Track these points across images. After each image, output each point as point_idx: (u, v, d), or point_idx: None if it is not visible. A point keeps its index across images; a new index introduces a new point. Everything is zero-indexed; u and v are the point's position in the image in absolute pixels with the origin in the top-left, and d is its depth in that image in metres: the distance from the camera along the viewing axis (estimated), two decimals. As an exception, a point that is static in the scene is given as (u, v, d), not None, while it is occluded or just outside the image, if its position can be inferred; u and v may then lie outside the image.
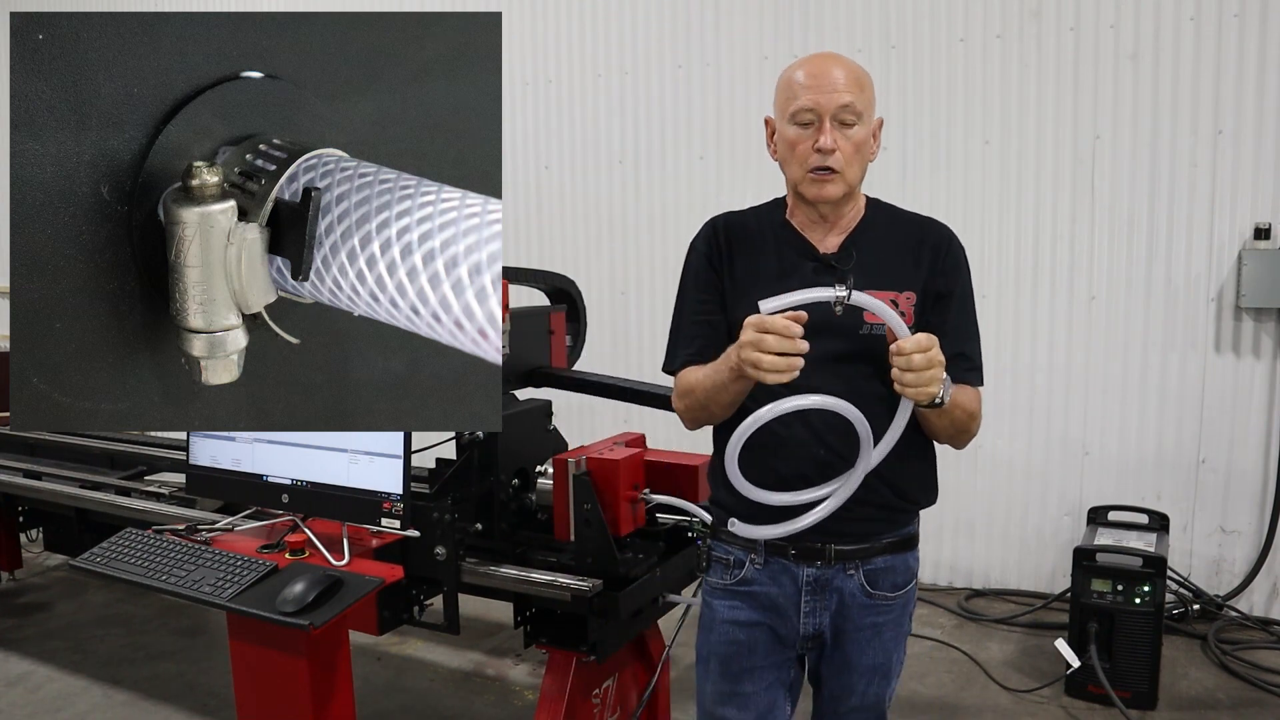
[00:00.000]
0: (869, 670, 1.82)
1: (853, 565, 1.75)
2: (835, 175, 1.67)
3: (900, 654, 1.87)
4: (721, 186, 4.68)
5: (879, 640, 1.81)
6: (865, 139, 1.69)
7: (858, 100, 1.66)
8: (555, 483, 2.31)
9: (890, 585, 1.79)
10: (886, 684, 1.86)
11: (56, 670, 3.63)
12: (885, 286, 1.68)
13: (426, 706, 3.30)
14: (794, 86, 1.68)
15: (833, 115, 1.65)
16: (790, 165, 1.73)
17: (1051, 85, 4.00)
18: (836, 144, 1.65)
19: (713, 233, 1.86)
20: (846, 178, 1.69)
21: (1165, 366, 3.95)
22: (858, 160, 1.69)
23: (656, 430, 3.35)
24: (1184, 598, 3.90)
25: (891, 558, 1.79)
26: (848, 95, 1.64)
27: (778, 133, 1.76)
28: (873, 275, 1.69)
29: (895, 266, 1.73)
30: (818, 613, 1.78)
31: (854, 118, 1.66)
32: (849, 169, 1.68)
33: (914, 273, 1.72)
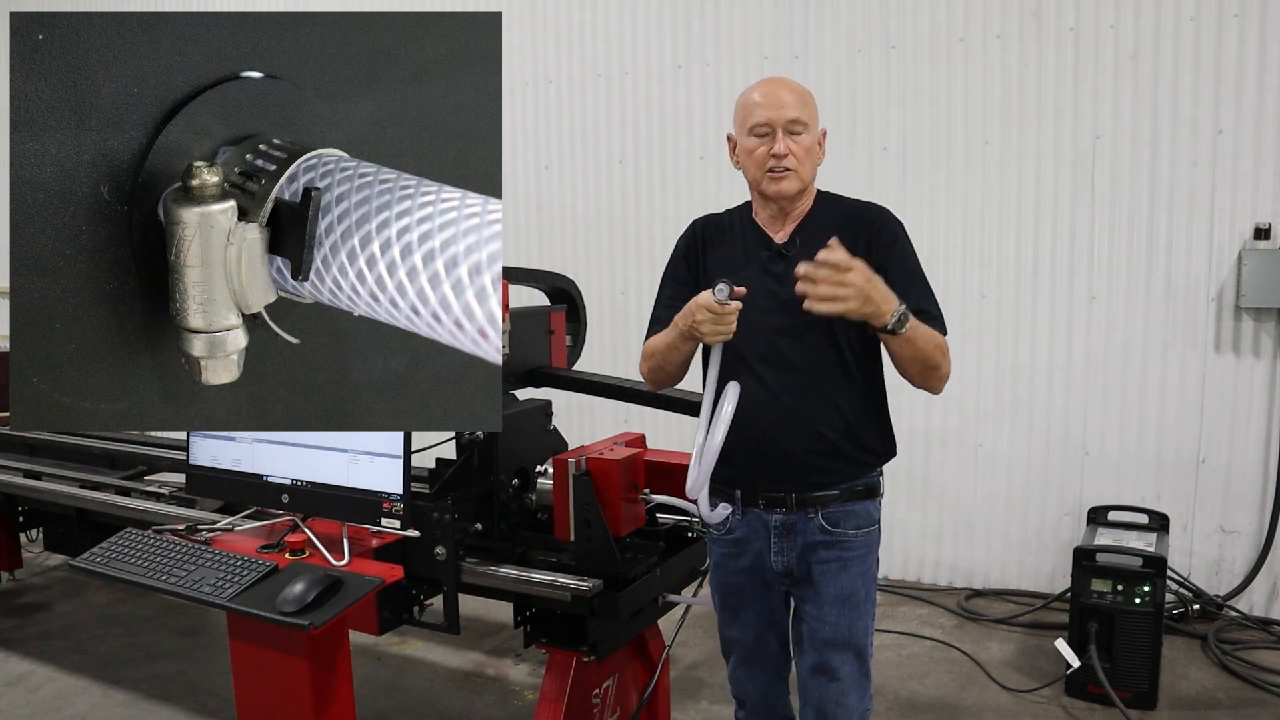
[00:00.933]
0: (836, 600, 2.07)
1: (813, 510, 2.05)
2: (790, 173, 2.01)
3: (868, 593, 2.12)
4: (721, 186, 4.67)
5: (845, 573, 2.07)
6: (811, 145, 2.05)
7: (802, 114, 2.01)
8: (555, 483, 2.31)
9: (852, 526, 2.08)
10: (858, 617, 2.09)
11: (56, 670, 3.64)
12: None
13: (426, 706, 3.30)
14: (750, 106, 2.05)
15: (784, 127, 2.01)
16: (750, 169, 2.07)
17: (1051, 85, 4.00)
18: (789, 149, 2.01)
19: (692, 234, 2.25)
20: (800, 175, 2.03)
21: (1165, 366, 3.95)
22: (808, 161, 2.04)
23: (656, 430, 3.35)
24: (1184, 598, 3.90)
25: (851, 504, 2.08)
26: (795, 111, 2.01)
27: (739, 145, 2.09)
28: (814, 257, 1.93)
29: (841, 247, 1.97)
30: (785, 552, 2.09)
31: (801, 128, 2.02)
32: (801, 168, 2.02)
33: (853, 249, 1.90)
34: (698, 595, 2.55)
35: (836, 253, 1.78)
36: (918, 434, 4.32)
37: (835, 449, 2.03)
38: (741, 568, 2.14)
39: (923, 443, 4.36)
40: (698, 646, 3.74)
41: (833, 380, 2.03)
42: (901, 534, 4.42)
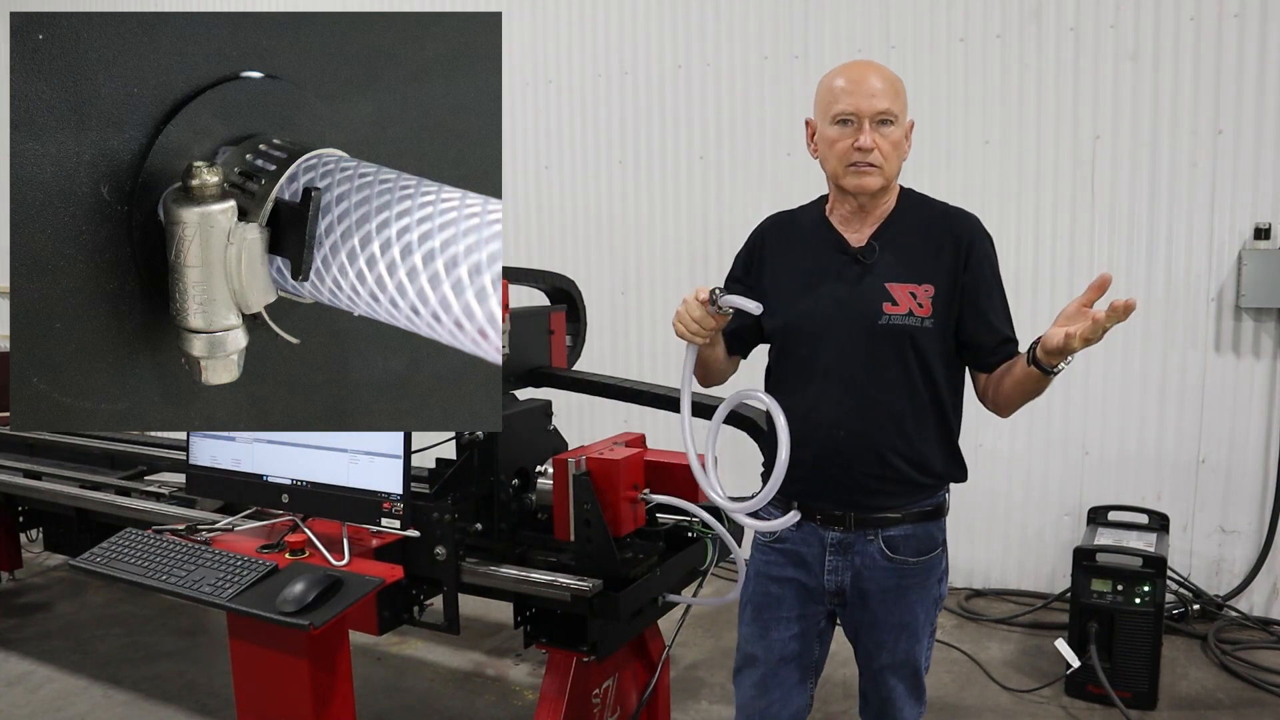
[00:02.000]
0: (895, 628, 1.97)
1: (872, 532, 1.92)
2: (874, 169, 1.84)
3: (930, 616, 2.02)
4: (722, 186, 4.68)
5: (904, 601, 1.96)
6: (900, 139, 1.87)
7: (893, 105, 1.84)
8: (555, 483, 2.31)
9: (913, 551, 1.95)
10: (915, 642, 2.00)
11: (56, 670, 3.63)
12: (906, 279, 1.88)
13: (426, 706, 3.30)
14: (835, 91, 1.86)
15: (871, 118, 1.82)
16: (830, 161, 1.89)
17: (1051, 85, 4.00)
18: (875, 143, 1.83)
19: (760, 233, 2.08)
20: (885, 172, 1.86)
21: (1165, 366, 3.95)
22: (894, 156, 1.86)
23: (656, 430, 3.34)
24: (1184, 598, 3.90)
25: (913, 527, 1.94)
26: (884, 101, 1.83)
27: (818, 133, 1.92)
28: (894, 268, 1.89)
29: (917, 259, 1.89)
30: (840, 571, 1.96)
31: (891, 120, 1.84)
32: (887, 164, 1.85)
33: (935, 265, 1.89)
34: (698, 595, 2.55)
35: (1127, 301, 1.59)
36: (918, 434, 4.32)
37: (899, 474, 1.89)
38: (786, 577, 2.00)
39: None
40: (698, 646, 3.74)
41: (900, 402, 1.87)
42: (901, 534, 4.42)
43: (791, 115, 4.48)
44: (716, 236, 4.70)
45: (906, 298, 1.87)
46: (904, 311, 1.86)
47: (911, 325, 1.86)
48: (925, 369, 1.89)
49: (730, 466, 3.30)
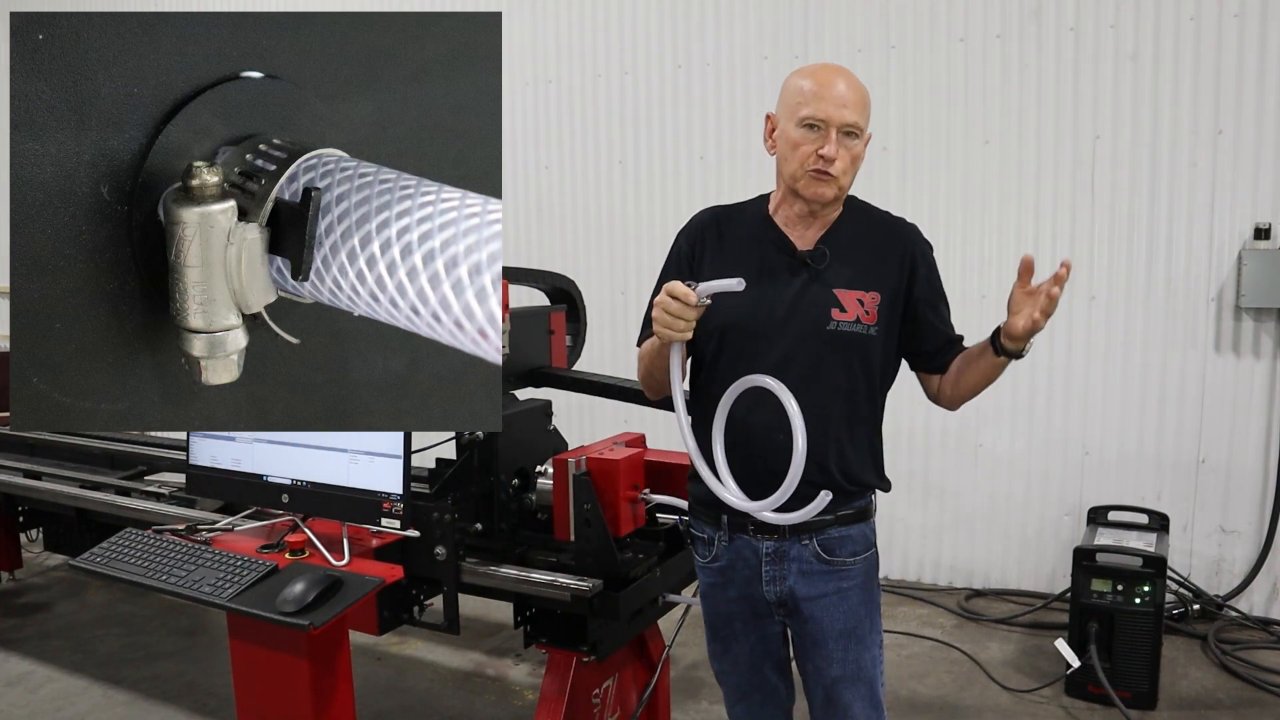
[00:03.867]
0: (842, 635, 1.92)
1: (806, 537, 1.88)
2: (832, 179, 1.81)
3: (874, 622, 1.97)
4: (721, 186, 4.68)
5: (845, 605, 1.91)
6: (861, 153, 1.85)
7: (860, 119, 1.82)
8: (555, 483, 2.31)
9: (848, 552, 1.91)
10: (864, 650, 1.94)
11: (56, 670, 3.63)
12: (854, 286, 1.86)
13: (426, 706, 3.30)
14: (805, 94, 1.82)
15: (839, 128, 1.80)
16: (790, 162, 1.85)
17: (1051, 85, 4.00)
18: (842, 155, 1.81)
19: (698, 228, 2.01)
20: (841, 183, 1.83)
21: (1165, 366, 3.94)
22: (853, 170, 1.85)
23: (656, 430, 3.34)
24: (1184, 598, 3.90)
25: (845, 529, 1.91)
26: (853, 114, 1.80)
27: (780, 130, 1.88)
28: (843, 275, 1.87)
29: (865, 267, 1.88)
30: (778, 580, 1.91)
31: (856, 133, 1.82)
32: (844, 176, 1.83)
33: (881, 274, 1.88)
34: (697, 595, 2.55)
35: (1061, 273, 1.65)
36: (918, 434, 4.32)
37: (830, 482, 1.82)
38: (730, 598, 1.98)
39: (923, 443, 4.36)
40: (698, 646, 3.74)
41: (841, 408, 1.85)
42: (902, 534, 4.42)
43: (791, 115, 4.48)
44: (716, 236, 4.70)
45: (855, 305, 1.85)
46: (852, 319, 1.84)
47: (858, 333, 1.85)
48: (867, 376, 1.88)
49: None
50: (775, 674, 2.06)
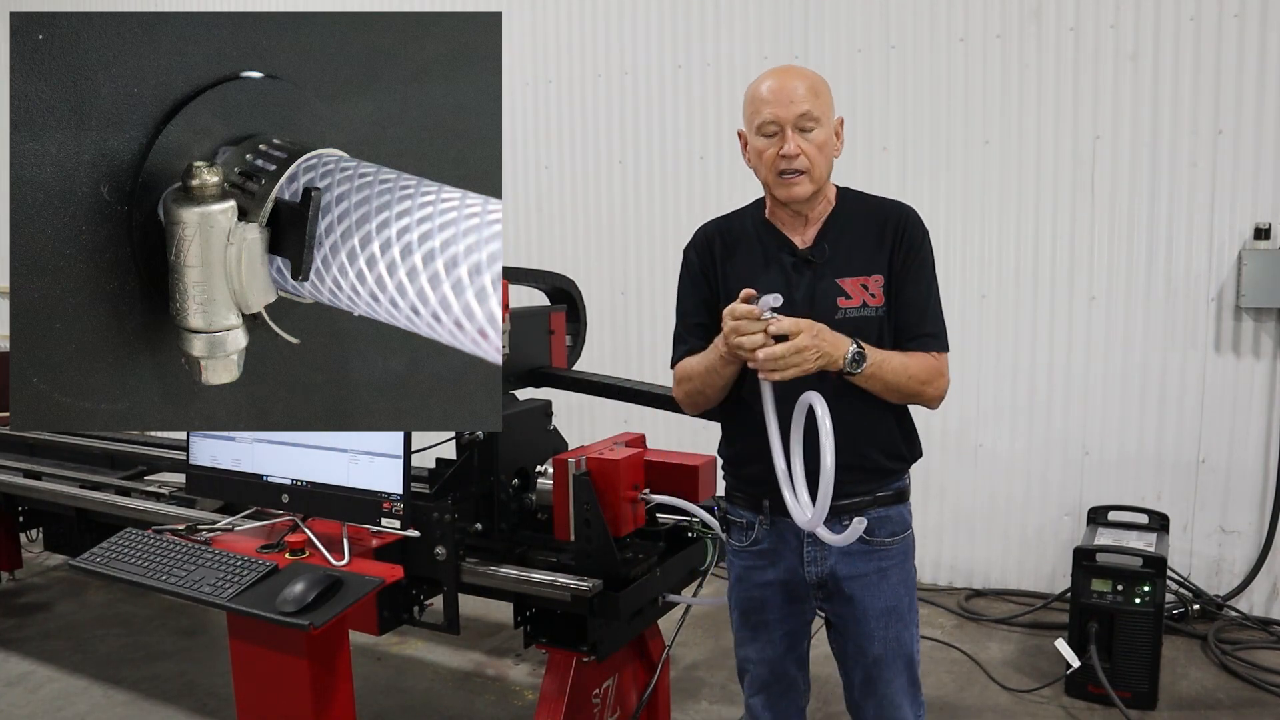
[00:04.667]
0: (883, 613, 1.98)
1: (846, 517, 1.87)
2: (802, 176, 1.87)
3: (912, 601, 2.03)
4: (721, 186, 4.68)
5: (886, 583, 1.98)
6: (826, 139, 1.88)
7: (814, 107, 1.84)
8: (555, 483, 2.31)
9: (888, 532, 1.98)
10: (904, 627, 2.00)
11: (56, 670, 3.64)
12: (856, 272, 1.92)
13: (426, 706, 3.30)
14: (758, 101, 1.87)
15: (793, 124, 1.84)
16: (761, 171, 1.92)
17: (1051, 85, 4.00)
18: (800, 148, 1.85)
19: (705, 243, 2.05)
20: (813, 176, 1.88)
21: (1165, 366, 3.94)
22: (821, 159, 1.88)
23: (656, 430, 3.34)
24: (1184, 598, 3.90)
25: (884, 510, 1.98)
26: (805, 104, 1.84)
27: (749, 144, 1.94)
28: (844, 263, 1.92)
29: (864, 252, 1.94)
30: (819, 561, 1.97)
31: (812, 123, 1.85)
32: (814, 169, 1.87)
33: (879, 255, 1.93)
34: (698, 595, 2.55)
35: (782, 323, 1.70)
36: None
37: (864, 461, 1.92)
38: (768, 581, 2.01)
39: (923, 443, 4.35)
40: (698, 646, 3.74)
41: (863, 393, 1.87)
42: (901, 534, 4.42)
43: (791, 115, 4.48)
44: (716, 236, 4.70)
45: (859, 290, 1.91)
46: (858, 304, 1.90)
47: (867, 315, 1.90)
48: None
49: (730, 466, 3.30)
50: (796, 666, 2.11)
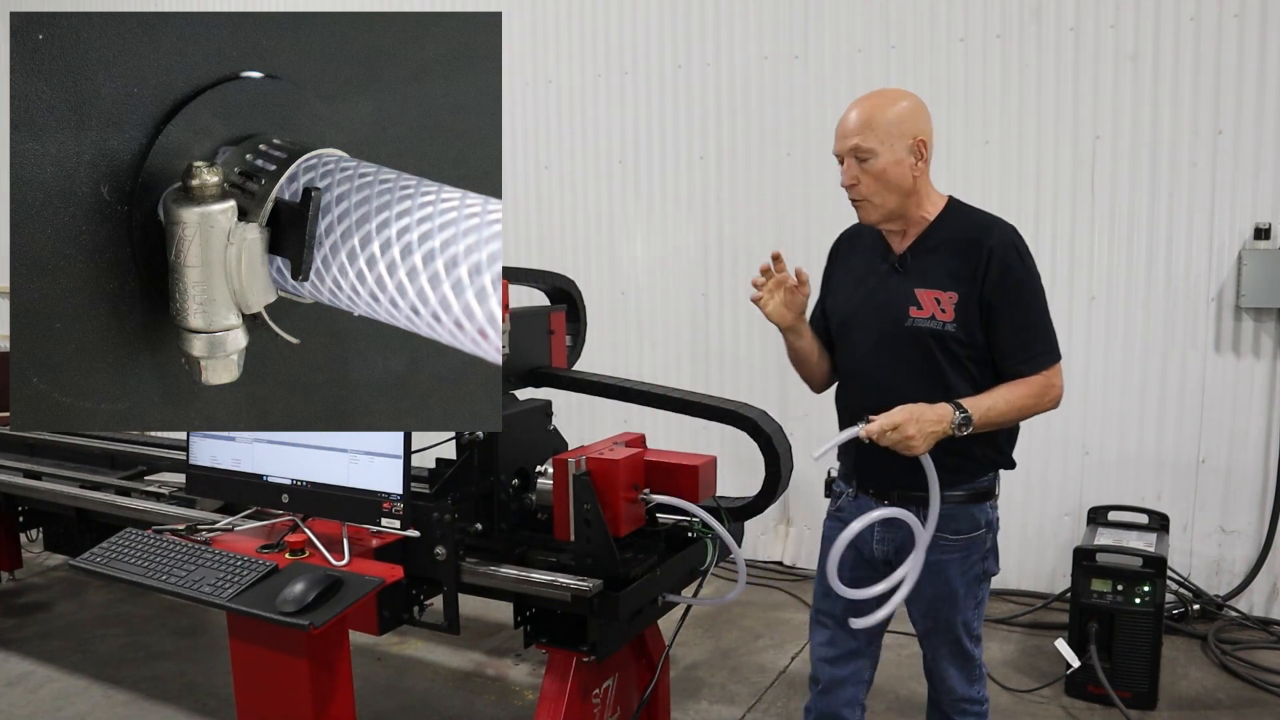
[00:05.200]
0: (934, 599, 2.16)
1: (914, 506, 2.03)
2: (864, 202, 2.02)
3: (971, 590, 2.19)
4: (721, 186, 4.68)
5: (942, 575, 2.13)
6: (885, 168, 1.98)
7: (864, 139, 1.97)
8: (555, 483, 2.31)
9: (951, 530, 2.11)
10: (955, 611, 2.17)
11: (56, 670, 3.64)
12: (933, 286, 2.04)
13: (426, 706, 3.30)
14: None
15: (849, 155, 2.00)
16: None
17: (1051, 85, 4.00)
18: (856, 178, 1.99)
19: (835, 247, 2.32)
20: (875, 203, 2.02)
21: (1165, 366, 3.94)
22: (882, 186, 1.99)
23: (656, 430, 3.34)
24: (1184, 598, 3.90)
25: (955, 508, 2.09)
26: (855, 138, 1.98)
27: None
28: (924, 276, 2.05)
29: (946, 268, 2.04)
30: (887, 542, 2.17)
31: (867, 154, 1.97)
32: (876, 195, 2.00)
33: (963, 274, 2.01)
34: (698, 595, 2.55)
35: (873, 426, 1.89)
36: (918, 434, 4.32)
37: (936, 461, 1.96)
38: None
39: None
40: (698, 646, 3.74)
41: (927, 394, 1.97)
42: (901, 534, 4.42)
43: (791, 115, 4.48)
44: (716, 236, 4.70)
45: (931, 303, 2.03)
46: (927, 316, 2.03)
47: (934, 328, 2.02)
48: (956, 367, 2.03)
49: (730, 466, 3.30)
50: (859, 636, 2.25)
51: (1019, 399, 2.01)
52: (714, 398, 2.74)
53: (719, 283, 4.72)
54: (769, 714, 3.20)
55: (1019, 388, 2.01)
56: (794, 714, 3.19)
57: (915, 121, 2.01)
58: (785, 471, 2.55)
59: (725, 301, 4.72)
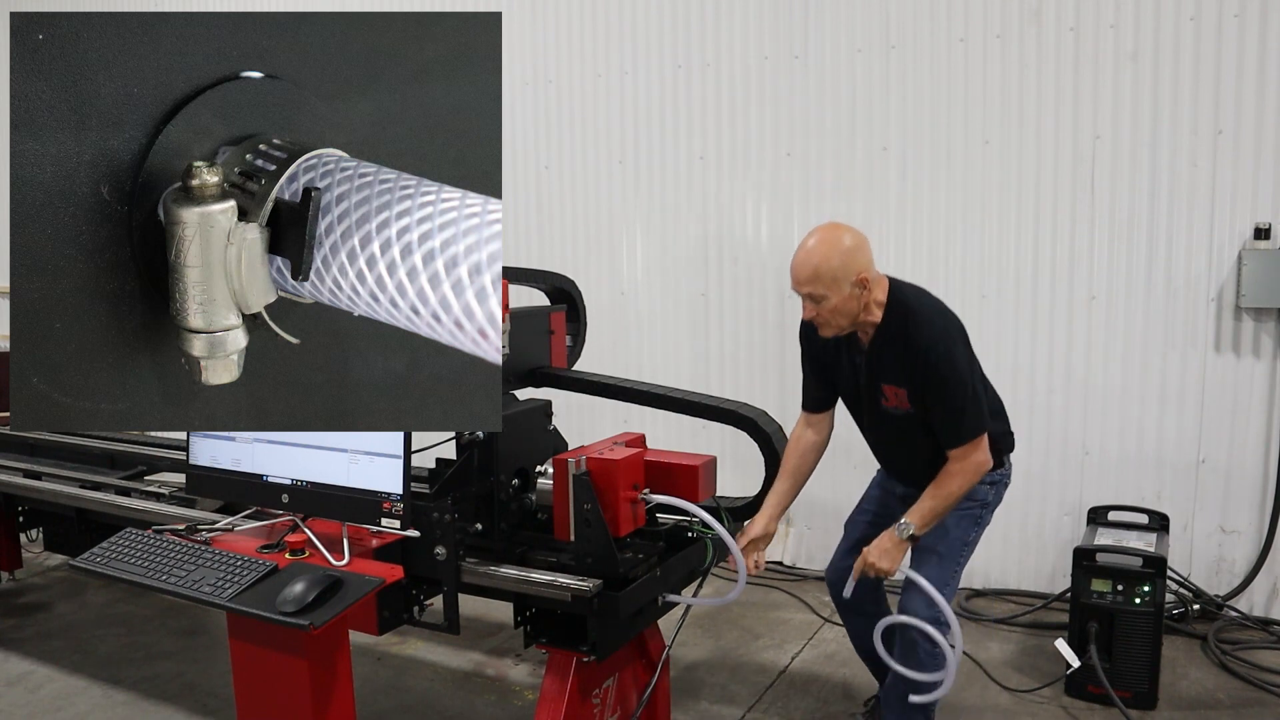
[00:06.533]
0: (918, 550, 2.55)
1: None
2: (824, 325, 2.43)
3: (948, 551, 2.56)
4: (721, 186, 4.68)
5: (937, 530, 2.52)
6: (838, 304, 2.37)
7: (815, 289, 2.36)
8: (555, 483, 2.31)
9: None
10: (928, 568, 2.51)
11: (56, 670, 3.63)
12: (890, 381, 2.47)
13: (426, 706, 3.30)
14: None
15: (804, 297, 2.41)
16: None
17: (1051, 85, 4.00)
18: (814, 311, 2.40)
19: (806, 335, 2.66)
20: (833, 324, 2.43)
21: (1165, 366, 3.94)
22: (836, 316, 2.40)
23: (656, 430, 3.34)
24: (1184, 598, 3.89)
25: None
26: (807, 287, 2.38)
27: None
28: (884, 372, 2.47)
29: (897, 365, 2.44)
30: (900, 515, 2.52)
31: (820, 297, 2.37)
32: (832, 321, 2.42)
33: (905, 372, 2.42)
34: (698, 595, 2.55)
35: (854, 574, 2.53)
36: (918, 434, 4.32)
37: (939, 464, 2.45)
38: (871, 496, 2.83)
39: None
40: (698, 646, 3.74)
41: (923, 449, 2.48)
42: (901, 534, 4.41)
43: (791, 115, 4.48)
44: (716, 236, 4.70)
45: (893, 395, 2.47)
46: (893, 405, 2.49)
47: (901, 414, 2.48)
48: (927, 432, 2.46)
49: (730, 466, 3.30)
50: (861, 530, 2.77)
51: (948, 493, 2.42)
52: (714, 398, 2.75)
53: (719, 283, 4.72)
54: (769, 714, 3.20)
55: (948, 483, 2.42)
56: (794, 714, 3.19)
57: (856, 263, 2.36)
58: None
59: (725, 301, 4.72)
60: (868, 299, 2.40)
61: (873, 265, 2.41)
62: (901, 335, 2.40)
